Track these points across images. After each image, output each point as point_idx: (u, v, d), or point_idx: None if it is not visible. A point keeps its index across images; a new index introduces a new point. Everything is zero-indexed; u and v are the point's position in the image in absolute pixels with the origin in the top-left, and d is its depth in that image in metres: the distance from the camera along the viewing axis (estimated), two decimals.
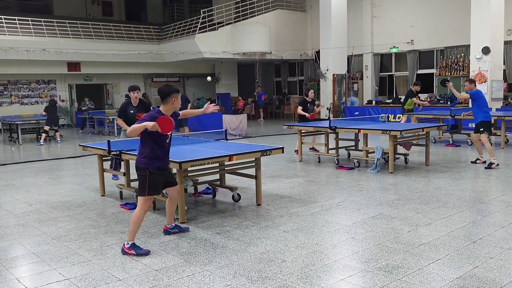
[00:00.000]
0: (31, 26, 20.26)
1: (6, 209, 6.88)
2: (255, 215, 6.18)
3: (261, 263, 4.43)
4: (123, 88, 24.98)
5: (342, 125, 10.19)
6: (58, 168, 10.80)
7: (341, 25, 20.29)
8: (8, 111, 20.49)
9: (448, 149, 11.95)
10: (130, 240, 4.81)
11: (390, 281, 3.94)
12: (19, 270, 4.48)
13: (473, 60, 15.95)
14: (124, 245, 4.80)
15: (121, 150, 6.71)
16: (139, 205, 4.91)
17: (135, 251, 4.74)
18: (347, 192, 7.38)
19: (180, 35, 22.54)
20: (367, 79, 21.83)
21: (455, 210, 6.09)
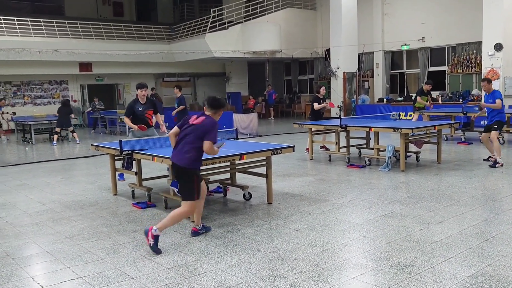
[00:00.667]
0: (43, 27, 20.45)
1: (20, 208, 6.97)
2: (266, 213, 6.19)
3: (272, 262, 4.44)
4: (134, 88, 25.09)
5: (353, 123, 10.17)
6: (70, 167, 10.91)
7: (352, 22, 20.21)
8: (21, 112, 20.70)
9: (460, 147, 11.86)
10: (160, 228, 4.84)
11: (402, 280, 3.93)
12: (34, 269, 4.55)
13: (485, 57, 15.82)
14: (152, 228, 4.79)
15: (133, 149, 6.76)
16: (186, 208, 4.98)
17: (154, 243, 4.76)
18: (358, 190, 7.37)
19: (191, 35, 22.61)
20: (378, 77, 21.73)
21: (467, 208, 6.05)
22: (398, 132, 8.80)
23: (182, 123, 5.20)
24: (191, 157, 4.96)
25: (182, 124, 5.19)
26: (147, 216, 6.25)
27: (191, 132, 5.00)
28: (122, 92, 25.32)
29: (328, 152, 10.70)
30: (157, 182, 7.82)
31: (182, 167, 4.98)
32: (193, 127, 5.01)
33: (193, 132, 4.99)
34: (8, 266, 4.59)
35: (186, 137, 5.02)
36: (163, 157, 6.11)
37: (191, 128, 5.02)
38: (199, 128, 4.97)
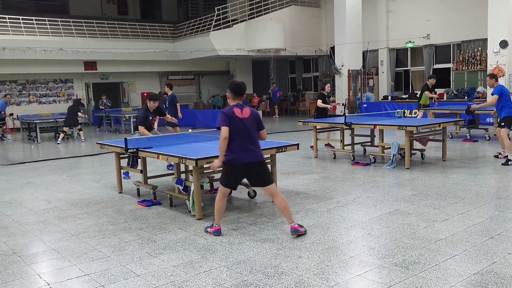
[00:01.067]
0: (48, 26, 20.52)
1: (26, 206, 7.01)
2: (271, 211, 6.20)
3: (277, 259, 4.45)
4: (139, 87, 25.23)
5: (357, 121, 10.16)
6: (76, 166, 10.96)
7: (356, 20, 20.16)
8: (26, 110, 20.81)
9: (465, 144, 11.83)
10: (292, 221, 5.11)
11: (407, 277, 3.94)
12: (40, 266, 4.58)
13: (490, 54, 15.75)
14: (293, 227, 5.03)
15: (138, 147, 6.78)
16: (277, 190, 5.22)
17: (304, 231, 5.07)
18: (363, 188, 7.36)
19: (195, 33, 22.63)
20: (383, 75, 21.67)
21: (472, 206, 6.04)
22: (403, 129, 8.79)
23: (227, 121, 4.90)
24: (259, 149, 5.10)
25: (228, 122, 4.90)
26: (152, 214, 6.27)
27: (252, 125, 4.99)
28: (127, 91, 25.39)
29: (332, 150, 10.69)
30: (162, 180, 7.84)
31: (262, 161, 5.09)
32: (250, 121, 4.98)
33: (253, 125, 5.00)
34: (15, 263, 4.63)
35: (250, 133, 4.97)
36: (168, 155, 6.13)
37: (249, 122, 4.97)
38: (254, 121, 5.01)
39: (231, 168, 5.04)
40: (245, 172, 5.05)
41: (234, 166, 5.00)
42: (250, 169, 5.01)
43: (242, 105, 5.05)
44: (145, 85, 25.41)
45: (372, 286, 3.82)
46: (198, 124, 18.78)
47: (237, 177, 5.13)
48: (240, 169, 5.01)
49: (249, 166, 4.99)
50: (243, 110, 4.99)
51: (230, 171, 5.06)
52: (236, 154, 4.94)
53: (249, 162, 4.98)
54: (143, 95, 25.30)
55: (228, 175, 5.09)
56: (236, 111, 4.96)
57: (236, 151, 4.93)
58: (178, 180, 6.43)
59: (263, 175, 5.07)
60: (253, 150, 4.97)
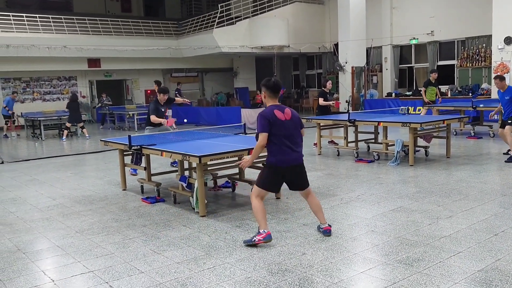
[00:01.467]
0: (52, 24, 20.55)
1: (30, 203, 7.03)
2: (275, 208, 6.20)
3: (281, 256, 4.45)
4: (142, 84, 25.25)
5: (361, 118, 10.14)
6: (80, 163, 10.99)
7: (360, 17, 20.10)
8: (30, 108, 20.86)
9: (470, 141, 11.79)
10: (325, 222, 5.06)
11: (411, 274, 3.93)
12: (44, 263, 4.59)
13: (495, 51, 15.68)
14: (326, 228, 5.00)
15: (142, 145, 6.79)
16: (312, 191, 5.12)
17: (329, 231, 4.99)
18: (367, 185, 7.35)
19: (198, 30, 22.61)
20: (387, 71, 21.62)
21: (476, 203, 6.03)
22: (407, 126, 8.76)
23: (268, 126, 4.66)
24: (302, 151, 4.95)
25: (269, 127, 4.66)
26: (156, 211, 6.28)
27: (295, 128, 4.78)
28: (131, 88, 25.41)
29: (336, 147, 10.68)
30: (166, 177, 7.86)
31: (302, 164, 4.91)
32: (292, 123, 4.76)
33: (296, 127, 4.80)
34: (20, 260, 4.65)
35: (292, 135, 4.74)
36: (172, 152, 6.14)
37: (291, 125, 4.75)
38: (296, 122, 4.81)
39: (273, 171, 4.80)
40: (287, 175, 4.83)
41: (277, 168, 4.77)
42: (291, 172, 4.82)
43: (281, 106, 4.81)
44: (148, 82, 25.36)
45: (376, 283, 3.82)
46: (202, 121, 18.79)
47: (279, 180, 4.90)
48: (282, 172, 4.79)
49: (291, 169, 4.80)
50: (284, 111, 4.75)
51: (272, 174, 4.82)
52: (279, 156, 4.72)
53: (291, 165, 4.78)
54: (147, 92, 25.34)
55: (270, 178, 4.84)
56: (278, 114, 4.69)
57: (279, 153, 4.71)
58: (182, 177, 6.44)
59: (301, 178, 4.92)
60: (295, 153, 4.78)
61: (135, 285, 3.95)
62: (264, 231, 4.70)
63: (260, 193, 4.87)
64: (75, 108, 16.10)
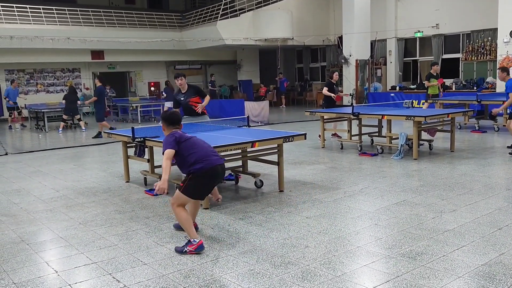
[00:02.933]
0: (56, 15, 20.53)
1: (34, 194, 7.05)
2: (278, 201, 6.20)
3: (284, 249, 4.45)
4: (146, 76, 25.25)
5: (365, 111, 10.11)
6: (83, 155, 11.00)
7: (364, 9, 19.98)
8: (34, 99, 20.88)
9: (474, 135, 11.74)
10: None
11: (414, 267, 3.92)
12: (48, 254, 4.61)
13: (500, 44, 15.56)
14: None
15: (145, 137, 6.79)
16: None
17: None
18: (370, 178, 7.34)
19: (202, 22, 22.54)
20: (391, 65, 21.52)
21: (480, 197, 6.00)
22: (411, 120, 8.73)
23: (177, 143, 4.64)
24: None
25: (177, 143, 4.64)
26: (159, 203, 6.29)
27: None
28: (134, 80, 25.40)
29: (339, 140, 10.65)
30: None
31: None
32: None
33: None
34: (23, 251, 4.66)
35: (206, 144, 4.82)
36: None
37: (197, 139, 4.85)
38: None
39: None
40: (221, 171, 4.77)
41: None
42: (221, 170, 4.75)
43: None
44: (152, 75, 25.41)
45: (379, 276, 3.81)
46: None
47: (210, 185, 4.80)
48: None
49: (221, 166, 4.74)
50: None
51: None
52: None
53: (221, 163, 4.73)
54: (150, 84, 25.34)
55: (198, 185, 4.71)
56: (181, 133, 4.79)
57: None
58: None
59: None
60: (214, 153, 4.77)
61: (138, 276, 3.95)
62: (196, 240, 4.43)
63: (185, 202, 4.72)
64: (72, 100, 16.00)
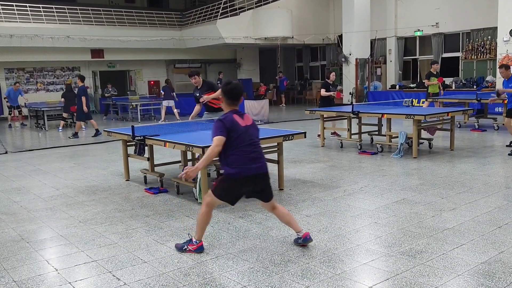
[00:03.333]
0: (55, 14, 20.51)
1: (34, 193, 7.05)
2: (278, 199, 6.18)
3: (284, 247, 4.46)
4: (146, 75, 25.24)
5: (365, 109, 10.11)
6: (83, 153, 11.00)
7: (364, 8, 19.98)
8: (34, 98, 20.87)
9: (474, 134, 11.75)
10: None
11: (414, 266, 3.93)
12: (48, 252, 4.61)
13: (500, 43, 15.58)
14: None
15: (145, 135, 6.79)
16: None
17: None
18: (370, 177, 7.34)
19: (202, 21, 22.54)
20: (391, 63, 21.52)
21: (480, 195, 6.01)
22: (411, 118, 8.73)
23: (225, 130, 4.12)
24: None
25: (227, 131, 4.13)
26: (159, 202, 6.29)
27: (254, 133, 4.31)
28: (134, 79, 25.40)
29: (339, 138, 10.66)
30: (169, 168, 7.86)
31: (267, 172, 4.36)
32: (253, 128, 4.32)
33: (256, 133, 4.35)
34: (23, 249, 4.67)
35: (255, 141, 4.28)
36: (175, 143, 6.13)
37: (252, 129, 4.29)
38: (256, 128, 4.40)
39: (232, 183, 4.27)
40: (260, 180, 4.33)
41: (237, 180, 4.22)
42: (261, 179, 4.32)
43: (241, 112, 4.33)
44: (151, 73, 25.41)
45: (379, 274, 3.82)
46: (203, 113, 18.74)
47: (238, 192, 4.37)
48: (241, 183, 4.25)
49: (262, 175, 4.30)
50: (244, 117, 4.29)
51: (231, 185, 4.29)
52: (240, 167, 4.18)
53: (261, 172, 4.29)
54: (150, 83, 25.33)
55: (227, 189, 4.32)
56: (237, 118, 4.22)
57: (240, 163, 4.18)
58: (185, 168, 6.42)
59: (269, 187, 4.43)
60: (262, 159, 4.33)
61: (138, 274, 3.96)
62: (196, 241, 4.36)
63: (214, 203, 4.38)
64: (71, 97, 16.00)
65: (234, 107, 4.28)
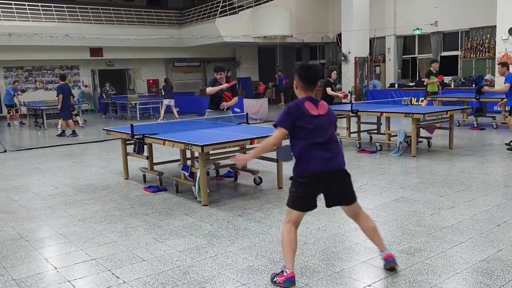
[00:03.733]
0: (54, 12, 20.48)
1: (33, 191, 7.05)
2: (277, 198, 6.21)
3: None
4: (145, 73, 25.21)
5: (364, 108, 10.11)
6: (82, 152, 11.00)
7: (363, 7, 19.97)
8: (33, 97, 20.84)
9: (473, 132, 11.76)
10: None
11: (412, 264, 3.94)
12: (47, 251, 4.61)
13: (499, 42, 15.58)
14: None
15: (144, 134, 6.79)
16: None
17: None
18: (369, 175, 7.35)
19: (201, 20, 22.51)
20: (390, 62, 21.51)
21: (479, 194, 6.02)
22: (410, 117, 8.74)
23: (289, 120, 3.64)
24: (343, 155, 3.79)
25: (291, 120, 3.63)
26: (158, 200, 6.30)
27: (326, 124, 3.67)
28: (133, 78, 25.37)
29: (338, 137, 10.65)
30: (168, 166, 7.87)
31: (343, 170, 3.73)
32: (327, 118, 3.69)
33: (331, 125, 3.73)
34: (22, 248, 4.67)
35: (326, 134, 3.66)
36: (174, 141, 6.14)
37: (325, 119, 3.67)
38: (331, 118, 3.74)
39: (301, 184, 3.70)
40: (333, 178, 3.71)
41: (306, 178, 3.67)
42: (335, 177, 3.70)
43: (317, 99, 3.76)
44: (151, 72, 25.38)
45: (378, 272, 3.82)
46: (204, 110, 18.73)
47: (312, 195, 3.74)
48: (314, 182, 3.67)
49: (335, 173, 3.70)
50: (318, 106, 3.70)
51: (301, 187, 3.70)
52: (309, 163, 3.66)
53: (333, 169, 3.67)
54: (149, 82, 25.31)
55: (299, 194, 3.72)
56: (310, 106, 3.66)
57: (308, 158, 3.67)
58: (184, 167, 6.44)
59: (351, 188, 3.83)
60: (336, 154, 3.70)
61: (137, 273, 3.96)
62: (287, 271, 3.60)
63: (291, 217, 3.73)
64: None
65: (309, 93, 3.71)
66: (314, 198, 3.74)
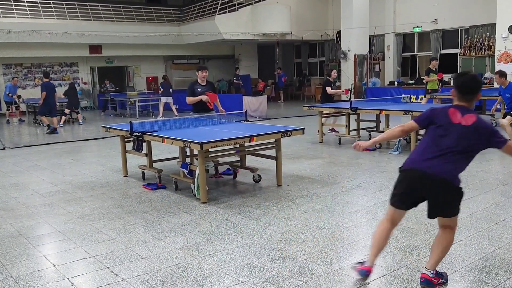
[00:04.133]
0: (53, 9, 20.44)
1: (32, 189, 7.05)
2: (276, 195, 6.21)
3: (282, 243, 4.46)
4: (144, 71, 25.18)
5: (363, 106, 10.11)
6: (81, 149, 10.99)
7: (363, 4, 19.95)
8: (32, 94, 20.82)
9: None
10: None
11: (411, 261, 3.94)
12: (46, 248, 4.61)
13: (499, 40, 15.57)
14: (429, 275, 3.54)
15: (143, 131, 6.78)
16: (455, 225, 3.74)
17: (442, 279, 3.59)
18: (368, 173, 7.35)
19: (200, 17, 22.48)
20: (389, 60, 21.50)
21: (477, 192, 6.02)
22: (409, 115, 8.74)
23: (425, 119, 3.64)
24: (457, 170, 3.61)
25: (427, 120, 3.63)
26: (157, 197, 6.30)
27: (461, 136, 3.47)
28: (132, 75, 25.35)
29: (337, 135, 10.66)
30: (167, 163, 7.86)
31: (441, 178, 3.52)
32: (467, 131, 3.46)
33: (471, 139, 3.50)
34: (21, 245, 4.67)
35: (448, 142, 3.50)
36: (173, 139, 6.13)
37: (462, 131, 3.46)
38: (472, 133, 3.47)
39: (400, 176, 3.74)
40: (417, 186, 3.66)
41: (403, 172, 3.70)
42: (425, 184, 3.59)
43: (467, 109, 3.51)
44: (150, 69, 25.35)
45: (376, 270, 3.82)
46: None
47: (406, 191, 3.74)
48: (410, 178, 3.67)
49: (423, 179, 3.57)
50: (463, 115, 3.47)
51: (399, 180, 3.78)
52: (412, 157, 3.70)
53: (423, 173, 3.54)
54: (148, 79, 25.28)
55: (396, 187, 3.78)
56: (454, 113, 3.50)
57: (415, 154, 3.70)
58: (183, 164, 6.44)
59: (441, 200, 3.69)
60: (443, 161, 3.52)
61: (136, 270, 3.96)
62: (366, 264, 3.65)
63: (388, 212, 3.76)
64: (74, 94, 16.20)
65: (462, 103, 3.53)
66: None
